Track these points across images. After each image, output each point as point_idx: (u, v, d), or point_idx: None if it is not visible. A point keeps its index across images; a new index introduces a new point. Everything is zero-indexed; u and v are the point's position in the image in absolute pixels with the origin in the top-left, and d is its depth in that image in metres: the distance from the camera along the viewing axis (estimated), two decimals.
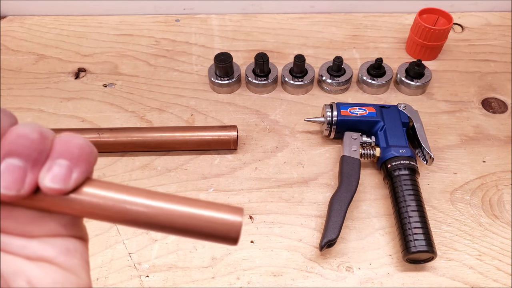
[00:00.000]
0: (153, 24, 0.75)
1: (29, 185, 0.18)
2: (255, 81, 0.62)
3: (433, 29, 0.63)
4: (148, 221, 0.20)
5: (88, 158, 0.20)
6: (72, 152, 0.19)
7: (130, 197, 0.20)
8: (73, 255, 0.21)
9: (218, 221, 0.20)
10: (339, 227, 0.46)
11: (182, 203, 0.21)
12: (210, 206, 0.21)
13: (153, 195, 0.21)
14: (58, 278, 0.20)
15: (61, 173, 0.19)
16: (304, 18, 0.76)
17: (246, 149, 0.57)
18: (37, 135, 0.18)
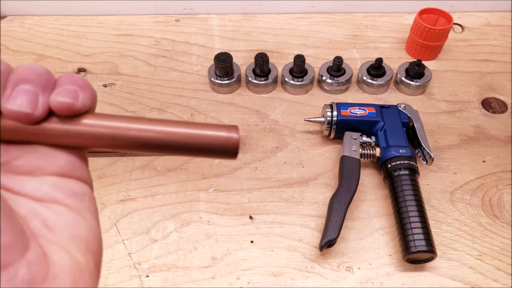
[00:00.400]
0: (153, 24, 0.75)
1: (42, 106, 0.20)
2: (255, 81, 0.62)
3: (433, 29, 0.63)
4: (153, 143, 0.22)
5: (91, 90, 0.22)
6: (77, 81, 0.21)
7: (135, 123, 0.22)
8: (81, 199, 0.22)
9: (218, 137, 0.22)
10: (339, 227, 0.46)
11: (184, 125, 0.22)
12: (210, 126, 0.23)
13: (155, 121, 0.22)
14: (69, 221, 0.21)
15: (70, 91, 0.21)
16: (304, 18, 0.76)
17: (246, 149, 0.57)
18: (43, 69, 0.21)
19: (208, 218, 0.50)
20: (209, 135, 0.22)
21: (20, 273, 0.17)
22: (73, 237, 0.21)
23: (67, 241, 0.20)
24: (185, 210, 0.51)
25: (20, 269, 0.17)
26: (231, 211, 0.51)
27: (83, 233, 0.21)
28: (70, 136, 0.21)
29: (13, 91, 0.20)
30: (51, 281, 0.18)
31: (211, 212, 0.51)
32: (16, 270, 0.17)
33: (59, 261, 0.19)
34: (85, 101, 0.21)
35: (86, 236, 0.21)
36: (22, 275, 0.17)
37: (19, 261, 0.17)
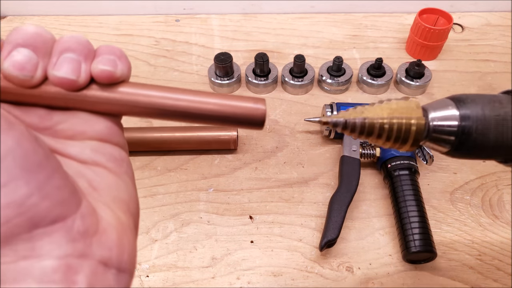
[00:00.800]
0: (153, 24, 0.75)
1: (85, 73, 0.22)
2: (255, 81, 0.62)
3: (433, 29, 0.63)
4: (187, 112, 0.23)
5: (127, 60, 0.23)
6: (115, 52, 0.23)
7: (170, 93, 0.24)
8: (120, 164, 0.23)
9: (248, 108, 0.24)
10: (339, 227, 0.46)
11: (216, 96, 0.24)
12: (239, 97, 0.24)
13: (188, 91, 0.24)
14: (111, 183, 0.22)
15: (110, 60, 0.22)
16: (304, 18, 0.76)
17: (246, 149, 0.57)
18: (84, 39, 0.22)
19: (208, 218, 0.50)
20: (239, 106, 0.24)
21: (76, 225, 0.19)
22: (115, 198, 0.22)
23: (110, 201, 0.22)
24: (185, 210, 0.51)
25: (76, 221, 0.19)
26: (231, 211, 0.51)
27: (123, 195, 0.23)
28: (109, 103, 0.23)
29: (59, 59, 0.21)
30: (101, 235, 0.20)
31: (211, 212, 0.51)
32: (72, 221, 0.19)
33: (105, 218, 0.21)
34: (124, 70, 0.23)
35: (126, 198, 0.23)
36: (78, 226, 0.19)
37: (75, 214, 0.19)
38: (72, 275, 0.18)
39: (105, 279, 0.20)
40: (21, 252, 0.17)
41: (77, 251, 0.18)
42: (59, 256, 0.18)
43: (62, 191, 0.18)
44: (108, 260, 0.20)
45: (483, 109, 0.26)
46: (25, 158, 0.18)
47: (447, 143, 0.27)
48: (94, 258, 0.19)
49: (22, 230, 0.17)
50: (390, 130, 0.26)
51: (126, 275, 0.21)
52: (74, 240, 0.18)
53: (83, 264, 0.19)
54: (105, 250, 0.20)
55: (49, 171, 0.18)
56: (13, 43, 0.20)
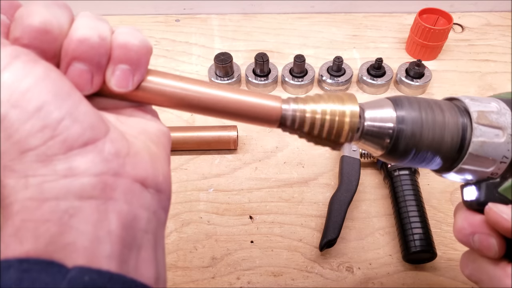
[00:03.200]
0: (153, 24, 0.75)
1: (97, 84, 0.22)
2: (255, 81, 0.62)
3: (433, 29, 0.63)
4: (207, 104, 0.24)
5: (145, 59, 0.23)
6: (131, 57, 0.22)
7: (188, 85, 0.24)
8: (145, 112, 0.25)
9: (264, 105, 0.24)
10: (339, 227, 0.46)
11: (234, 91, 0.24)
12: (257, 94, 0.24)
13: (207, 83, 0.24)
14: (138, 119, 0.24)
15: (124, 77, 0.22)
16: (304, 18, 0.76)
17: (246, 149, 0.57)
18: (97, 39, 0.21)
19: (208, 218, 0.50)
20: (257, 103, 0.24)
21: (107, 147, 0.20)
22: (144, 130, 0.23)
23: (139, 133, 0.23)
24: (185, 210, 0.51)
25: (106, 143, 0.20)
26: (231, 211, 0.51)
27: (151, 129, 0.24)
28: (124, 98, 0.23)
29: (68, 69, 0.21)
30: (134, 157, 0.21)
31: (211, 212, 0.51)
32: (103, 144, 0.20)
33: (136, 144, 0.22)
34: (139, 80, 0.23)
35: (155, 131, 0.24)
36: (108, 148, 0.20)
37: (105, 137, 0.20)
38: (109, 191, 0.19)
39: (143, 196, 0.21)
40: (61, 172, 0.18)
41: (112, 170, 0.20)
42: (95, 173, 0.19)
43: (90, 117, 0.20)
44: (144, 180, 0.21)
45: (420, 112, 0.25)
46: (55, 86, 0.19)
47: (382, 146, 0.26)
48: (129, 177, 0.20)
49: (58, 151, 0.18)
50: (321, 126, 0.25)
51: (164, 196, 0.22)
52: (107, 160, 0.19)
53: (119, 182, 0.20)
54: (140, 170, 0.21)
55: (77, 99, 0.20)
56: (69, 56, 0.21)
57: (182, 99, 0.24)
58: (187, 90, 0.24)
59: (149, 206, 0.21)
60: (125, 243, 0.19)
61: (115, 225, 0.19)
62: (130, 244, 0.19)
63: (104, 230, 0.18)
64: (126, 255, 0.19)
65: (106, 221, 0.19)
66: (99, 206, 0.19)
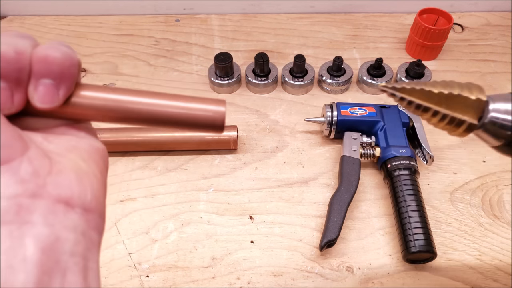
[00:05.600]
0: (153, 24, 0.75)
1: (18, 102, 0.20)
2: (255, 81, 0.62)
3: (433, 29, 0.63)
4: (141, 116, 0.22)
5: (70, 71, 0.21)
6: (53, 71, 0.20)
7: (121, 96, 0.22)
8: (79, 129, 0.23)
9: (205, 111, 0.22)
10: (339, 227, 0.46)
11: (171, 98, 0.22)
12: (197, 99, 0.22)
13: (143, 93, 0.22)
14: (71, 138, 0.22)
15: (48, 92, 0.20)
16: (304, 18, 0.76)
17: (246, 149, 0.57)
18: (12, 53, 0.19)
19: (208, 218, 0.50)
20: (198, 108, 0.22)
21: (23, 166, 0.18)
22: (73, 147, 0.22)
23: (67, 150, 0.21)
24: (185, 210, 0.51)
25: (23, 163, 0.19)
26: (231, 211, 0.51)
27: (84, 146, 0.23)
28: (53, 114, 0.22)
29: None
30: (57, 175, 0.20)
31: (211, 212, 0.51)
32: (19, 163, 0.18)
33: (62, 162, 0.20)
34: (66, 94, 0.21)
35: (87, 148, 0.23)
36: (25, 167, 0.19)
37: (21, 156, 0.19)
38: (25, 214, 0.18)
39: (68, 217, 0.19)
40: None
41: (28, 191, 0.18)
42: (8, 196, 0.18)
43: (5, 135, 0.18)
44: (69, 199, 0.20)
45: None
46: None
47: (501, 137, 0.28)
48: (50, 197, 0.19)
49: None
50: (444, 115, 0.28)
51: (94, 215, 0.21)
52: (23, 181, 0.18)
53: (37, 203, 0.18)
54: (63, 189, 0.20)
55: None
56: None
57: (116, 112, 0.22)
58: (120, 102, 0.22)
59: (76, 227, 0.20)
60: (45, 269, 0.18)
61: (32, 250, 0.18)
62: (51, 269, 0.18)
63: (19, 257, 0.17)
64: (46, 281, 0.18)
65: (21, 247, 0.17)
66: (13, 232, 0.17)
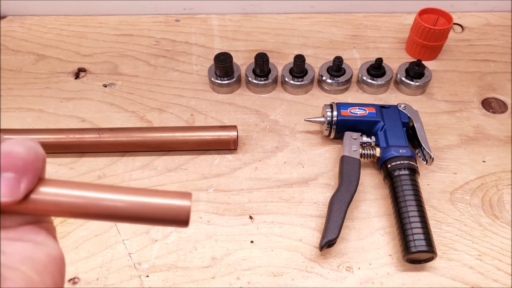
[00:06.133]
0: (153, 24, 0.75)
1: None
2: (255, 81, 0.62)
3: (433, 29, 0.63)
4: (101, 213, 0.22)
5: (33, 165, 0.21)
6: (16, 164, 0.20)
7: (82, 192, 0.22)
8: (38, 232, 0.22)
9: (168, 206, 0.22)
10: (339, 227, 0.46)
11: (135, 193, 0.22)
12: (161, 194, 0.22)
13: (103, 188, 0.22)
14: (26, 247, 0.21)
15: (9, 185, 0.20)
16: (304, 18, 0.76)
17: (246, 149, 0.57)
18: None
19: (208, 218, 0.50)
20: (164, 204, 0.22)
21: None
22: (27, 259, 0.21)
23: (20, 263, 0.21)
24: None
25: None
26: (231, 211, 0.51)
27: (39, 255, 0.22)
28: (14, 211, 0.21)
29: None
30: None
31: (211, 212, 0.51)
32: None
33: (12, 278, 0.20)
34: (28, 188, 0.21)
35: (43, 258, 0.22)
36: None
37: None
38: None
39: None
40: None
41: None
42: None
43: None
44: None
45: None
46: None
47: None
48: None
49: None
50: None
51: None
52: None
53: None
54: None
55: None
56: None
57: (79, 209, 0.22)
58: (83, 198, 0.22)
59: None
60: None
61: None
62: None
63: None
64: None
65: None
66: None
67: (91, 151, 0.55)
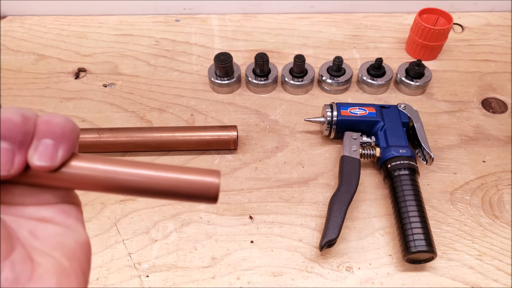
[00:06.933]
0: (153, 24, 0.75)
1: (18, 165, 0.20)
2: (255, 81, 0.62)
3: (433, 29, 0.63)
4: (135, 187, 0.22)
5: (70, 135, 0.21)
6: (55, 131, 0.21)
7: (115, 167, 0.22)
8: (68, 215, 0.23)
9: (199, 182, 0.22)
10: (339, 227, 0.46)
11: (166, 169, 0.23)
12: (191, 171, 0.23)
13: (137, 164, 0.22)
14: (57, 232, 0.22)
15: (48, 151, 0.20)
16: (304, 18, 0.76)
17: (246, 149, 0.57)
18: (20, 118, 0.20)
19: (208, 218, 0.50)
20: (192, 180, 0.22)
21: (4, 273, 0.18)
22: (59, 244, 0.22)
23: (52, 248, 0.21)
24: (185, 210, 0.51)
25: (5, 269, 0.18)
26: (231, 211, 0.51)
27: (69, 241, 0.22)
28: (50, 182, 0.22)
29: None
30: (37, 281, 0.19)
31: (211, 212, 0.51)
32: (1, 269, 0.18)
33: (44, 264, 0.20)
34: (65, 156, 0.21)
35: (72, 244, 0.22)
36: (6, 274, 0.18)
37: (3, 262, 0.18)
38: None
39: None
40: None
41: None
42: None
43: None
44: None
45: None
46: None
47: None
48: None
49: None
50: None
51: None
52: None
53: None
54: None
55: None
56: None
57: (112, 183, 0.22)
58: (116, 173, 0.22)
59: None
60: None
61: None
62: None
63: None
64: None
65: None
66: None
67: (91, 151, 0.55)
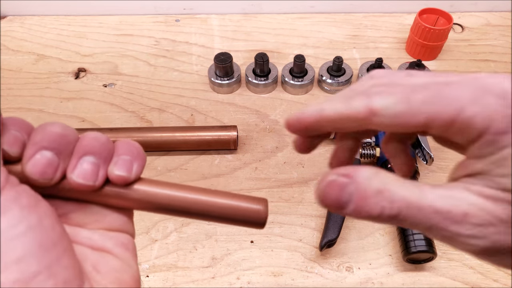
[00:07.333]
0: (153, 24, 0.75)
1: (102, 177, 0.22)
2: (255, 81, 0.62)
3: (433, 29, 0.63)
4: (195, 211, 0.25)
5: (143, 157, 0.25)
6: (132, 151, 0.24)
7: (176, 192, 0.25)
8: (126, 248, 0.25)
9: (250, 210, 0.25)
10: (339, 227, 0.46)
11: (221, 196, 0.25)
12: (243, 198, 0.25)
13: (195, 189, 0.25)
14: (116, 266, 0.23)
15: (126, 164, 0.23)
16: (304, 18, 0.76)
17: (246, 149, 0.57)
18: (105, 138, 0.23)
19: None
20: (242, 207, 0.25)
21: None
22: (117, 279, 0.23)
23: (110, 283, 0.23)
24: None
25: None
26: None
27: (125, 276, 0.24)
28: (120, 199, 0.24)
29: (78, 162, 0.22)
30: None
31: None
32: None
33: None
34: (138, 171, 0.24)
35: (127, 279, 0.24)
36: None
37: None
38: None
39: None
40: None
41: None
42: None
43: (68, 272, 0.19)
44: None
45: None
46: (44, 235, 0.19)
47: None
48: None
49: None
50: None
51: None
52: None
53: None
54: None
55: (61, 250, 0.20)
56: (38, 145, 0.21)
57: (172, 206, 0.25)
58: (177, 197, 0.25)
59: None
60: None
61: None
62: None
63: None
64: None
65: None
66: None
67: None
